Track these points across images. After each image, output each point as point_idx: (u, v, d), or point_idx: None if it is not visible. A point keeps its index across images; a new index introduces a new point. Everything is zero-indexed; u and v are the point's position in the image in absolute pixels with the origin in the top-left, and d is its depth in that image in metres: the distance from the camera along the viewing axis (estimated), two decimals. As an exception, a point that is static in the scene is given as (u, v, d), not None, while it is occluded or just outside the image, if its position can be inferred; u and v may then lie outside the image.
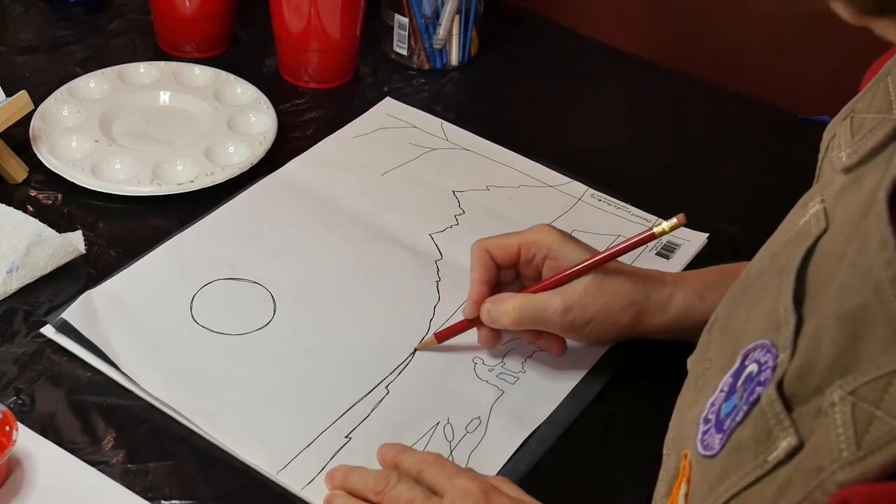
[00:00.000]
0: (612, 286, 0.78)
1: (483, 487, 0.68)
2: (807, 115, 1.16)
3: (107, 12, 1.21)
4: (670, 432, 0.62)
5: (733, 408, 0.52)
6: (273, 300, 0.87)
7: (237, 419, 0.77)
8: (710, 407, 0.55)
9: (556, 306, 0.78)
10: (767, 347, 0.51)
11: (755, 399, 0.50)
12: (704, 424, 0.54)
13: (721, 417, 0.53)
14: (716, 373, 0.56)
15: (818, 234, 0.53)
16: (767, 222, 1.04)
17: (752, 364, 0.52)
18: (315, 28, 1.08)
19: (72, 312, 0.82)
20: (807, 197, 0.59)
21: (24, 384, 0.79)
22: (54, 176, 0.96)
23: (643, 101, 1.17)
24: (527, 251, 0.81)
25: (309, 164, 1.01)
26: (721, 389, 0.54)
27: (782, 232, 0.59)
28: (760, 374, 0.50)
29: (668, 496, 0.58)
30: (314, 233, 0.94)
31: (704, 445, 0.53)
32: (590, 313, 0.78)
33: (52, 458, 0.73)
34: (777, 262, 0.56)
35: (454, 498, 0.67)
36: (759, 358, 0.51)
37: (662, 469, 0.62)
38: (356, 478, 0.72)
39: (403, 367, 0.83)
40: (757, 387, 0.50)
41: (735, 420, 0.51)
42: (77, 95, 1.05)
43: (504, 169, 1.03)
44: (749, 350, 0.53)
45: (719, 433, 0.52)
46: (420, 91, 1.14)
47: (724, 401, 0.53)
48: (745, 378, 0.52)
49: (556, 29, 1.26)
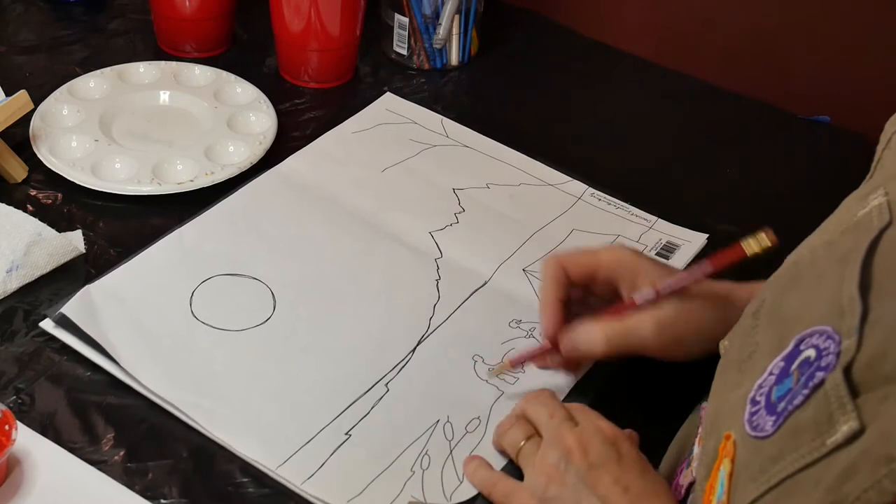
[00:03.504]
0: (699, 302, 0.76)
1: (615, 433, 0.69)
2: (807, 115, 1.16)
3: (107, 12, 1.21)
4: (707, 418, 0.62)
5: (788, 391, 0.52)
6: (273, 296, 0.87)
7: (236, 415, 0.77)
8: (758, 389, 0.55)
9: (649, 328, 0.75)
10: (828, 334, 0.51)
11: (818, 383, 0.50)
12: (752, 406, 0.55)
13: (773, 400, 0.53)
14: (764, 356, 0.57)
15: (882, 227, 0.54)
16: (767, 222, 1.05)
17: (808, 349, 0.52)
18: (315, 28, 1.08)
19: (71, 307, 0.82)
20: (866, 189, 0.59)
21: (24, 383, 0.79)
22: (54, 175, 0.96)
23: (643, 101, 1.17)
24: (605, 273, 0.78)
25: (308, 160, 1.01)
26: (771, 372, 0.55)
27: (836, 222, 0.60)
28: (821, 359, 0.51)
29: (707, 478, 0.58)
30: (314, 229, 0.94)
31: (753, 426, 0.54)
32: (681, 331, 0.76)
33: (51, 458, 0.73)
34: (834, 251, 0.56)
35: (586, 431, 0.68)
36: (817, 344, 0.52)
37: (700, 453, 0.62)
38: None
39: (403, 366, 0.83)
40: (818, 371, 0.51)
41: (793, 403, 0.51)
42: (77, 95, 1.05)
43: (504, 167, 1.03)
44: (804, 336, 0.53)
45: (771, 415, 0.53)
46: (420, 91, 1.14)
47: (776, 384, 0.54)
48: (801, 362, 0.52)
49: (556, 29, 1.26)
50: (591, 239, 0.96)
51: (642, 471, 0.66)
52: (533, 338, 0.86)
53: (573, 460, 0.66)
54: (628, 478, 0.65)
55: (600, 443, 0.67)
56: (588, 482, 0.65)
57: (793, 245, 0.84)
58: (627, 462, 0.66)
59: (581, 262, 0.78)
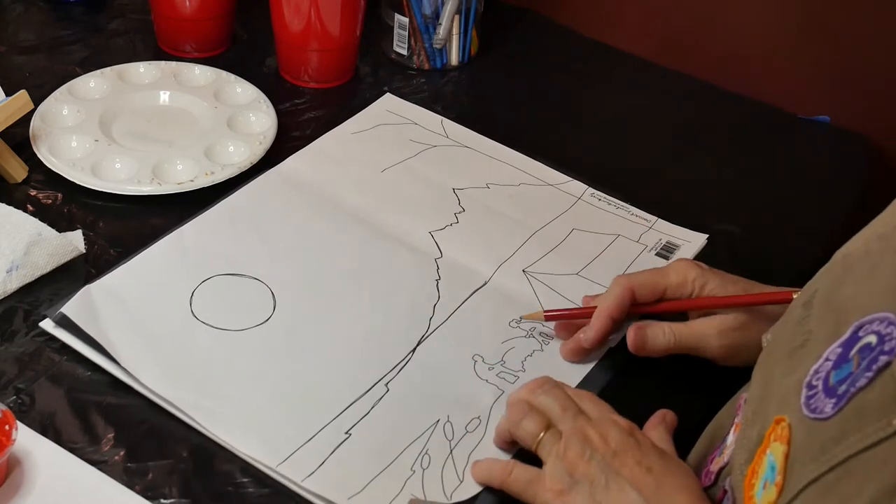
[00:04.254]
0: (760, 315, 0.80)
1: (628, 422, 0.71)
2: (807, 115, 1.16)
3: (107, 12, 1.21)
4: (750, 405, 0.64)
5: (848, 374, 0.53)
6: (273, 296, 0.87)
7: (236, 415, 0.77)
8: (814, 374, 0.56)
9: (714, 335, 0.80)
10: (890, 320, 0.53)
11: (882, 366, 0.51)
12: (809, 390, 0.56)
13: (831, 384, 0.54)
14: (819, 343, 0.58)
15: None
16: (767, 222, 1.05)
17: (869, 336, 0.54)
18: (315, 28, 1.08)
19: (71, 307, 0.82)
20: None
21: (24, 383, 0.79)
22: (54, 175, 0.96)
23: (643, 101, 1.17)
24: (673, 293, 0.82)
25: (308, 161, 1.01)
26: (827, 358, 0.56)
27: (889, 217, 0.61)
28: (883, 343, 0.52)
29: (749, 462, 0.60)
30: (314, 229, 0.94)
31: (811, 409, 0.55)
32: (740, 339, 0.80)
33: (51, 458, 0.73)
34: (889, 243, 0.58)
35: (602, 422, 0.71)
36: (878, 330, 0.53)
37: (739, 438, 0.64)
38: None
39: (403, 365, 0.83)
40: (882, 355, 0.52)
41: (856, 385, 0.52)
42: (77, 95, 1.05)
43: (504, 167, 1.03)
44: (864, 322, 0.54)
45: (831, 397, 0.54)
46: (420, 91, 1.14)
47: (833, 369, 0.55)
48: (862, 347, 0.53)
49: (556, 29, 1.26)
50: (591, 239, 0.96)
51: (661, 453, 0.70)
52: (533, 338, 0.86)
53: (597, 448, 0.69)
54: (650, 460, 0.68)
55: (618, 432, 0.70)
56: (614, 466, 0.68)
57: (793, 245, 0.85)
58: (646, 447, 0.69)
59: (651, 285, 0.82)
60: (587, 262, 0.94)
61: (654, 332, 0.81)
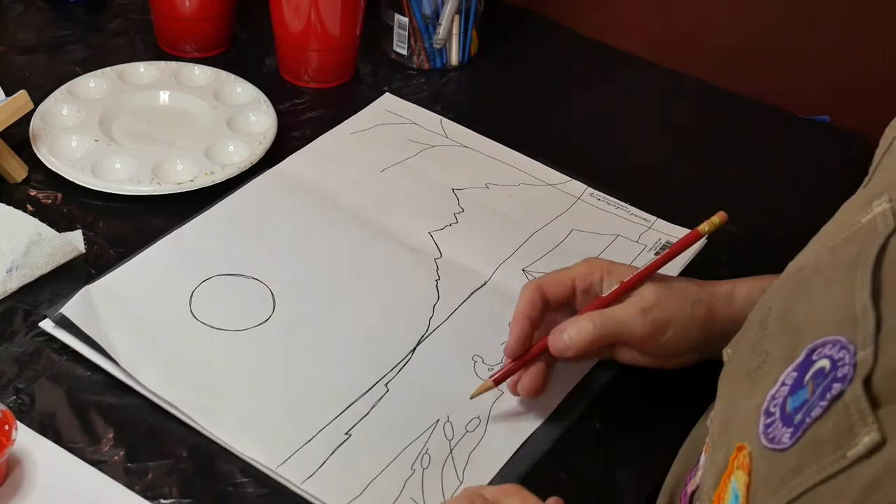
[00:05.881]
0: (678, 285, 0.80)
1: None
2: (807, 115, 1.16)
3: (107, 12, 1.21)
4: (714, 427, 0.63)
5: (803, 402, 0.52)
6: (272, 296, 0.87)
7: (236, 415, 0.77)
8: (771, 400, 0.55)
9: (634, 310, 0.78)
10: (842, 344, 0.51)
11: (836, 395, 0.50)
12: (767, 417, 0.55)
13: (788, 412, 0.53)
14: (775, 365, 0.57)
15: (888, 233, 0.54)
16: (767, 222, 1.05)
17: (822, 360, 0.52)
18: (315, 28, 1.08)
19: (70, 307, 0.82)
20: (867, 195, 0.59)
21: (24, 383, 0.79)
22: (54, 175, 0.96)
23: (642, 101, 1.17)
24: (582, 281, 0.80)
25: (308, 160, 1.01)
26: (783, 383, 0.55)
27: (837, 229, 0.60)
28: (836, 370, 0.51)
29: (716, 488, 0.59)
30: (313, 229, 0.94)
31: (770, 438, 0.54)
32: (669, 311, 0.78)
33: (51, 458, 0.73)
34: (839, 257, 0.56)
35: None
36: (831, 354, 0.52)
37: (706, 465, 0.62)
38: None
39: (403, 365, 0.83)
40: (834, 383, 0.50)
41: (811, 415, 0.51)
42: (77, 95, 1.05)
43: (504, 167, 1.04)
44: (817, 345, 0.53)
45: (788, 427, 0.53)
46: (420, 91, 1.14)
47: (789, 395, 0.54)
48: (815, 373, 0.52)
49: (556, 29, 1.26)
50: (590, 239, 0.96)
51: None
52: (533, 338, 0.86)
53: None
54: None
55: None
56: None
57: (793, 245, 0.84)
58: None
59: (557, 280, 0.80)
60: (587, 262, 0.94)
61: (572, 328, 0.78)
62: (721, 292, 0.80)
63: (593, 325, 0.78)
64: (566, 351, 0.78)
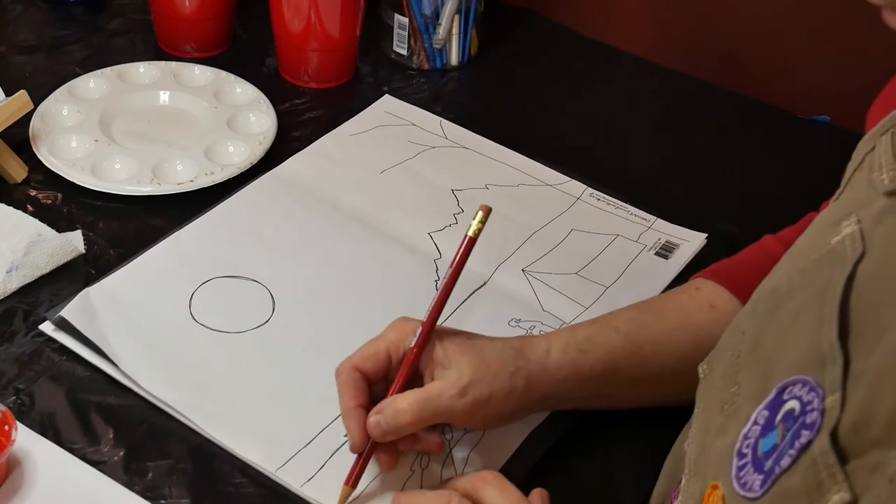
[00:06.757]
0: (492, 354, 0.73)
1: None
2: (807, 115, 1.16)
3: (107, 12, 1.21)
4: (691, 453, 0.61)
5: (774, 447, 0.51)
6: (272, 298, 0.87)
7: (236, 417, 0.77)
8: (743, 440, 0.53)
9: (452, 391, 0.71)
10: (811, 385, 0.50)
11: (804, 445, 0.48)
12: (739, 458, 0.53)
13: (759, 455, 0.52)
14: (747, 400, 0.55)
15: (856, 259, 0.52)
16: (767, 222, 1.05)
17: (792, 400, 0.51)
18: (315, 28, 1.08)
19: (70, 310, 0.82)
20: (838, 212, 0.57)
21: (24, 384, 0.79)
22: (54, 176, 0.96)
23: (643, 101, 1.17)
24: (395, 349, 0.74)
25: (307, 162, 1.01)
26: (755, 422, 0.53)
27: (808, 247, 0.58)
28: (805, 414, 0.49)
29: None
30: (313, 231, 0.94)
31: (742, 484, 0.52)
32: (486, 388, 0.72)
33: (51, 458, 0.73)
34: (809, 282, 0.55)
35: None
36: (800, 395, 0.50)
37: (683, 493, 0.60)
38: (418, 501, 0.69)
39: (402, 367, 0.83)
40: (803, 429, 0.49)
41: (781, 465, 0.50)
42: (77, 95, 1.05)
43: (503, 167, 1.04)
44: (787, 384, 0.51)
45: (759, 473, 0.51)
46: (420, 91, 1.14)
47: (761, 436, 0.52)
48: (785, 414, 0.51)
49: (556, 29, 1.26)
50: (589, 239, 0.96)
51: None
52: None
53: None
54: None
55: None
56: None
57: (792, 245, 0.84)
58: None
59: (371, 354, 0.74)
60: (586, 262, 0.94)
61: (389, 410, 0.71)
62: (537, 354, 0.74)
63: (411, 413, 0.71)
64: (384, 437, 0.71)
